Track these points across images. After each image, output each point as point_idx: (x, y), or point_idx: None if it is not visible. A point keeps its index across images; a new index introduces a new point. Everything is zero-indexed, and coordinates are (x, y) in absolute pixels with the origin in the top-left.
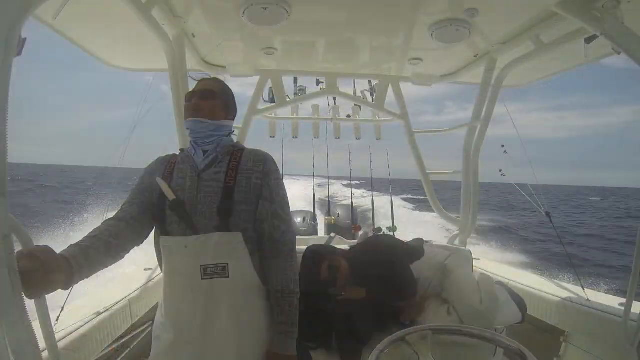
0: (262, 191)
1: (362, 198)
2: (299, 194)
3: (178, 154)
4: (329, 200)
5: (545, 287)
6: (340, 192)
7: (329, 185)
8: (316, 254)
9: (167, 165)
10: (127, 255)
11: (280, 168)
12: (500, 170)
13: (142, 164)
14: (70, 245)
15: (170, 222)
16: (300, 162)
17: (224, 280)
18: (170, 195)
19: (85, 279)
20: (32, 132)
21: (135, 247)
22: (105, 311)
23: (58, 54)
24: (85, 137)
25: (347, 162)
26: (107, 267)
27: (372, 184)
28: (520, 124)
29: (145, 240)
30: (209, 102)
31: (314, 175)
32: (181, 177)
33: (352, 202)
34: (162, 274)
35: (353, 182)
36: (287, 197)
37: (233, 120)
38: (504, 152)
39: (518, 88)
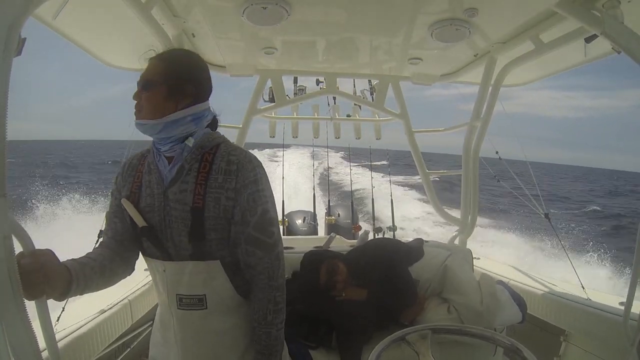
0: (233, 213)
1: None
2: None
3: (147, 150)
4: (329, 200)
5: (546, 287)
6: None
7: (329, 187)
8: (315, 258)
9: (135, 178)
10: None
11: (280, 166)
12: (497, 152)
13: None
14: (68, 259)
15: (146, 245)
16: (300, 132)
17: (201, 311)
18: (140, 222)
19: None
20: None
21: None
22: (105, 311)
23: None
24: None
25: (344, 133)
26: (99, 289)
27: (372, 184)
28: (527, 101)
29: None
30: (148, 95)
31: (314, 176)
32: (149, 194)
33: (352, 202)
34: None
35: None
36: (268, 213)
37: (196, 104)
38: (499, 158)
39: (518, 87)
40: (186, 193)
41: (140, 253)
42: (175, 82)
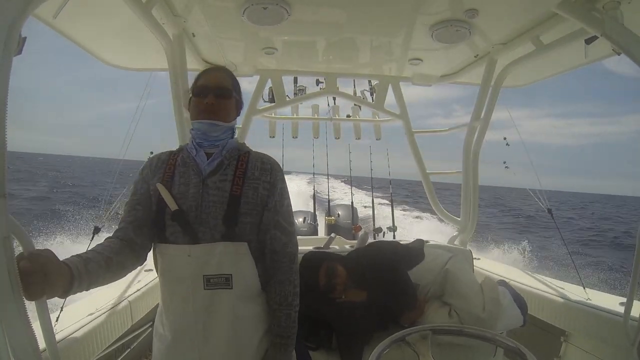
0: (267, 202)
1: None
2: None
3: (175, 150)
4: (329, 201)
5: (546, 287)
6: (339, 190)
7: (328, 186)
8: (314, 259)
9: (166, 168)
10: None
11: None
12: (505, 162)
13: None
14: (72, 255)
15: (171, 231)
16: (300, 158)
17: (226, 291)
18: (173, 205)
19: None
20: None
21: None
22: (105, 311)
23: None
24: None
25: (347, 161)
26: (106, 282)
27: (372, 184)
28: (529, 129)
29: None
30: (226, 102)
31: (314, 175)
32: (183, 183)
33: (352, 202)
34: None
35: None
36: (291, 206)
37: (238, 116)
38: (506, 144)
39: (518, 88)
40: (226, 182)
41: (151, 246)
42: (239, 96)
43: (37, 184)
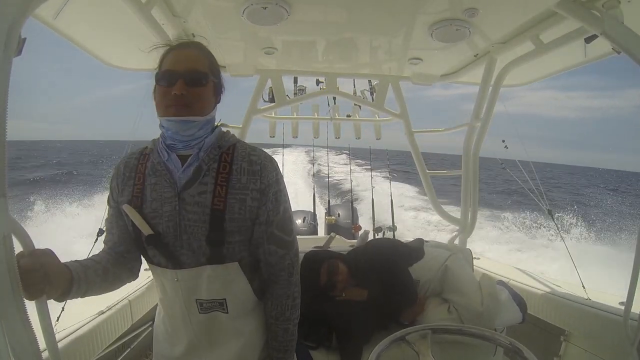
0: (258, 214)
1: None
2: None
3: (147, 148)
4: (329, 200)
5: (546, 287)
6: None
7: (328, 184)
8: (315, 258)
9: (136, 180)
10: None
11: (280, 169)
12: (504, 141)
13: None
14: (70, 260)
15: (153, 254)
16: (300, 133)
17: (222, 314)
18: (146, 230)
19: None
20: None
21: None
22: (105, 311)
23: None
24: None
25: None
26: (101, 292)
27: (372, 184)
28: (528, 101)
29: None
30: (200, 91)
31: (314, 175)
32: (156, 198)
33: (352, 202)
34: None
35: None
36: (288, 211)
37: (219, 101)
38: (505, 147)
39: (518, 87)
40: (205, 195)
41: (140, 262)
42: (218, 78)
43: (99, 166)
